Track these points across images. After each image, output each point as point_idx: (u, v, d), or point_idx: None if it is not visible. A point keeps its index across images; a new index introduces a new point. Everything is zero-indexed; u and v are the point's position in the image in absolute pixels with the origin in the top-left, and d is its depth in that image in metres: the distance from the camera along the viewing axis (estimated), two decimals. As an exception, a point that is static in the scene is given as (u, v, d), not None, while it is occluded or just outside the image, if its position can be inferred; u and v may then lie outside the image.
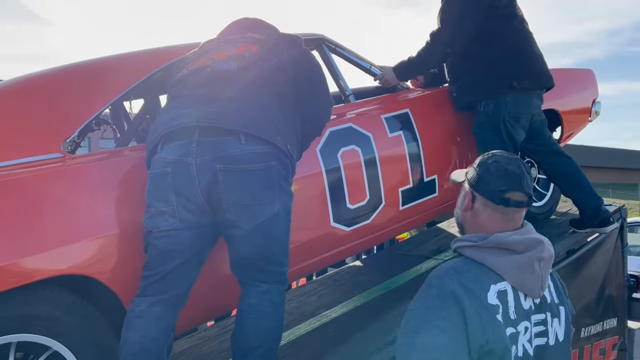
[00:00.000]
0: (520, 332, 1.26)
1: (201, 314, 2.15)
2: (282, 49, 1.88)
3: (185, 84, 1.82)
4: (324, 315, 2.59)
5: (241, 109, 1.69)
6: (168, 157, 1.66)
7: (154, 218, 1.68)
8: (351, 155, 2.41)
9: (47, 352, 1.65)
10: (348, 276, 3.23)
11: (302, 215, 2.28)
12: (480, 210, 1.36)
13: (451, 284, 1.25)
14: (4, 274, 1.55)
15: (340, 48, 2.73)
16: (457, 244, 1.37)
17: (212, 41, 2.00)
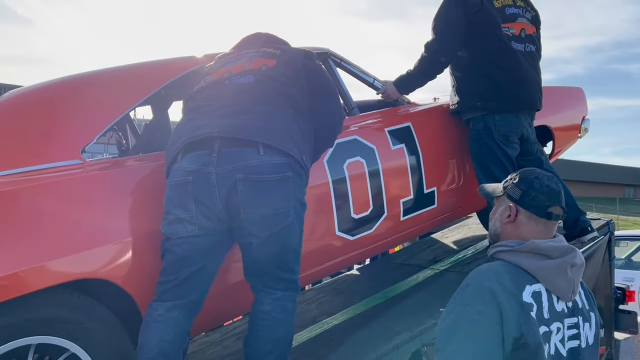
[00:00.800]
0: (552, 332, 1.38)
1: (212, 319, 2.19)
2: (297, 63, 1.95)
3: (204, 96, 1.88)
4: (325, 322, 2.65)
5: (259, 120, 1.76)
6: (189, 166, 1.71)
7: (173, 225, 1.73)
8: (356, 167, 2.49)
9: (64, 354, 1.68)
10: (346, 285, 3.30)
11: (310, 224, 2.35)
12: (523, 223, 1.49)
13: (488, 282, 1.37)
14: (25, 278, 1.59)
15: (345, 62, 2.81)
16: (495, 249, 1.49)
17: (227, 55, 2.07)
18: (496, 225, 1.55)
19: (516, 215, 1.50)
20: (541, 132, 3.41)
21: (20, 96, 2.02)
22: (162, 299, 1.72)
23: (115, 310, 1.78)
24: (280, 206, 1.72)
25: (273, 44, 2.07)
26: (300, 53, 2.02)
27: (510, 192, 1.52)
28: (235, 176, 1.67)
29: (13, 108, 1.95)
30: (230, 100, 1.82)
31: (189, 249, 1.71)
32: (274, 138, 1.73)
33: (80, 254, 1.68)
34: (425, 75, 2.84)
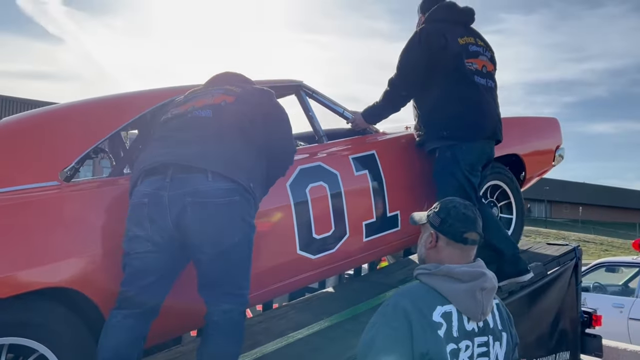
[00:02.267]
0: (461, 349, 1.52)
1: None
2: (254, 100, 2.16)
3: (167, 128, 2.12)
4: (290, 336, 2.82)
5: (210, 150, 1.97)
6: (146, 189, 1.94)
7: (132, 241, 1.94)
8: (319, 190, 2.70)
9: (34, 355, 1.90)
10: (319, 301, 3.47)
11: (271, 242, 2.56)
12: (442, 248, 1.64)
13: (403, 302, 1.54)
14: (1, 284, 1.82)
15: (316, 93, 3.04)
16: (417, 271, 1.66)
17: (196, 90, 2.30)
18: (422, 251, 1.71)
19: (437, 241, 1.65)
20: (512, 160, 3.58)
21: (9, 124, 2.28)
22: (120, 307, 1.93)
23: (81, 315, 1.99)
24: (226, 227, 1.92)
25: (238, 82, 2.29)
26: (258, 92, 2.23)
27: (431, 220, 1.68)
28: (185, 199, 1.89)
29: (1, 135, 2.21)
30: (188, 131, 2.04)
31: (144, 264, 1.92)
32: (222, 166, 1.93)
33: (50, 265, 1.91)
34: (388, 108, 3.04)
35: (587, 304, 4.47)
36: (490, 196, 3.40)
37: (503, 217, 3.49)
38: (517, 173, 3.66)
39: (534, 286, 3.20)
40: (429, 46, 2.88)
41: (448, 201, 1.72)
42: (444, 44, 2.87)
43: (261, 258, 2.52)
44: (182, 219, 1.89)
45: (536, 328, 3.21)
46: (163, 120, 2.18)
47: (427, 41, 2.89)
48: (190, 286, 2.21)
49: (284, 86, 3.06)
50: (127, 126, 2.46)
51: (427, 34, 2.91)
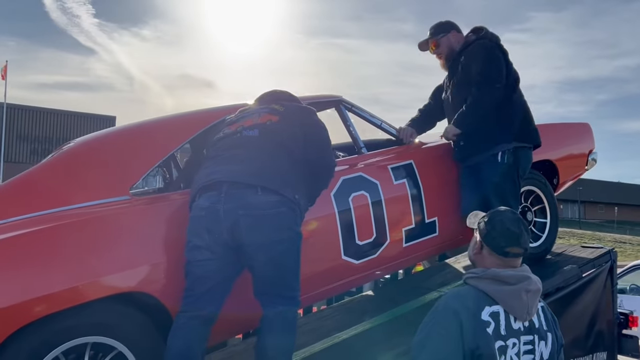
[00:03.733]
0: (508, 346, 1.66)
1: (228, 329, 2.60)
2: (296, 119, 2.36)
3: (219, 147, 2.32)
4: (336, 336, 3.00)
5: (258, 167, 2.17)
6: (203, 204, 2.15)
7: (192, 251, 2.15)
8: (360, 199, 2.87)
9: (113, 352, 2.11)
10: (361, 304, 3.65)
11: (318, 249, 2.74)
12: (485, 256, 1.79)
13: (453, 303, 1.68)
14: (83, 290, 2.05)
15: (356, 107, 3.22)
16: (466, 275, 1.79)
17: (245, 110, 2.50)
18: (470, 254, 1.88)
19: (481, 248, 1.81)
20: (545, 165, 3.68)
21: (83, 144, 2.53)
22: (185, 310, 2.14)
23: (152, 317, 2.21)
24: (275, 235, 2.12)
25: (282, 100, 2.48)
26: (300, 110, 2.43)
27: (480, 228, 1.83)
28: (238, 212, 2.09)
29: (76, 155, 2.46)
30: (238, 150, 2.26)
31: (204, 271, 2.13)
32: (269, 181, 2.14)
33: (126, 272, 2.13)
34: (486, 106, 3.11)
35: (623, 305, 4.50)
36: (525, 201, 3.51)
37: (537, 221, 3.59)
38: (550, 178, 3.75)
39: (570, 288, 3.30)
40: (504, 52, 3.12)
41: (497, 213, 1.84)
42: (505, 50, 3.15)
43: (309, 263, 2.71)
44: (236, 229, 2.09)
45: (572, 329, 3.30)
46: (216, 139, 2.37)
47: (501, 47, 3.13)
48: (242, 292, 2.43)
49: (325, 101, 3.25)
50: (185, 144, 2.68)
51: (499, 43, 3.14)
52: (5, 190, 2.39)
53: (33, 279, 1.99)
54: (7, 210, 2.23)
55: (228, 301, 2.38)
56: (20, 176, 2.47)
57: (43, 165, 2.51)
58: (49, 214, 2.21)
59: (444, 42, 3.27)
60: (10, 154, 22.28)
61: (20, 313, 1.94)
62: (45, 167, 2.48)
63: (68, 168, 2.42)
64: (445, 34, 3.27)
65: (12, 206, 2.25)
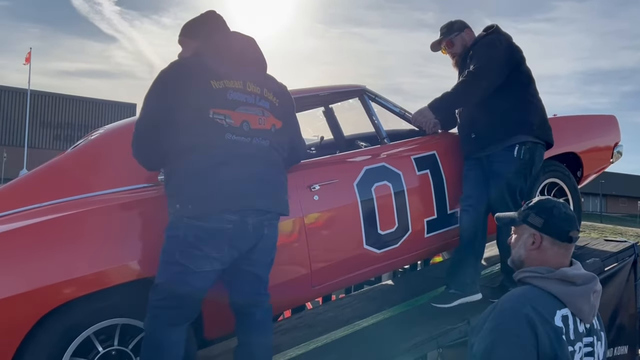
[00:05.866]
0: (575, 351, 1.54)
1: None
2: (293, 128, 2.31)
3: (233, 154, 2.01)
4: (357, 324, 3.04)
5: (273, 192, 2.13)
6: (230, 217, 1.98)
7: (199, 259, 1.98)
8: (383, 189, 2.89)
9: (141, 334, 2.18)
10: (381, 293, 3.67)
11: (340, 238, 2.78)
12: (547, 249, 1.63)
13: (524, 309, 1.50)
14: (113, 274, 2.11)
15: (379, 97, 3.22)
16: (524, 274, 1.63)
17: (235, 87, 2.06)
18: (520, 252, 1.69)
19: (541, 241, 1.64)
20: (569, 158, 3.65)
21: (112, 132, 2.58)
22: (176, 324, 2.01)
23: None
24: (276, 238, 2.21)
25: (270, 82, 2.22)
26: (290, 104, 2.31)
27: (532, 221, 1.66)
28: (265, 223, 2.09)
29: (106, 142, 2.51)
30: (259, 166, 2.07)
31: (205, 282, 2.02)
32: (279, 207, 2.16)
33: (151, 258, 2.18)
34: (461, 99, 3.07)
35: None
36: (548, 193, 3.48)
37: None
38: (574, 170, 3.72)
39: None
40: (513, 49, 3.03)
41: (546, 201, 1.72)
42: (517, 47, 3.05)
43: (331, 252, 2.76)
44: (260, 238, 2.09)
45: (594, 322, 3.27)
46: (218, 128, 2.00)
47: (511, 44, 3.04)
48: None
49: (348, 91, 3.26)
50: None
51: (509, 40, 3.05)
52: (38, 176, 2.46)
53: (63, 263, 2.06)
54: (39, 195, 2.30)
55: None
56: (52, 162, 2.54)
57: (73, 152, 2.58)
58: (79, 199, 2.27)
59: (459, 41, 3.17)
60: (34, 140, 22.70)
61: (53, 294, 2.02)
62: (76, 154, 2.55)
63: (98, 155, 2.49)
64: (459, 32, 3.17)
65: (44, 191, 2.32)
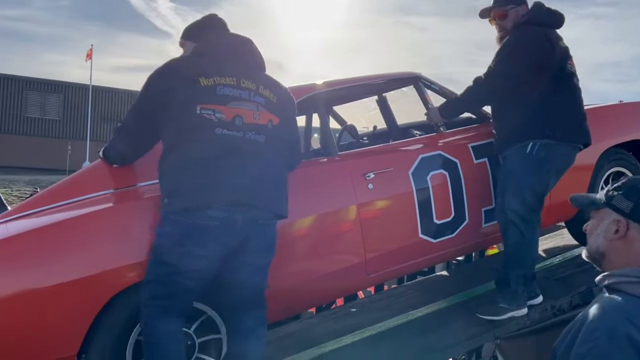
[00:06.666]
0: None
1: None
2: (292, 126, 2.24)
3: (223, 147, 1.96)
4: (410, 314, 3.02)
5: (268, 190, 2.04)
6: (216, 214, 1.92)
7: (186, 258, 1.94)
8: (439, 178, 2.85)
9: (203, 317, 2.24)
10: (435, 283, 3.63)
11: (395, 226, 2.77)
12: (635, 238, 1.31)
13: (623, 327, 1.17)
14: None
15: (435, 85, 3.17)
16: (613, 279, 1.30)
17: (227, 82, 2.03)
18: (599, 242, 1.37)
19: (627, 229, 1.32)
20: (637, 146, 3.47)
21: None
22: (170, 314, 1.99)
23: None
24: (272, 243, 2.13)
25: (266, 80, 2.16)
26: (291, 103, 2.25)
27: (617, 204, 1.34)
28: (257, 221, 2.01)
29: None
30: (251, 161, 1.99)
31: (194, 281, 1.98)
32: (276, 206, 2.07)
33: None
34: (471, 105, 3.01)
35: None
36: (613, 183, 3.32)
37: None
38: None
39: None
40: (536, 50, 2.67)
41: (636, 180, 1.41)
42: (550, 48, 2.68)
43: (386, 240, 2.75)
44: (249, 237, 2.01)
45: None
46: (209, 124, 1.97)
47: (533, 46, 2.68)
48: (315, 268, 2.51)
49: (403, 79, 3.23)
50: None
51: (533, 38, 2.70)
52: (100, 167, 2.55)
53: (130, 247, 2.14)
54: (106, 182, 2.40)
55: (301, 276, 2.46)
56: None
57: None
58: (141, 187, 2.36)
59: (512, 15, 2.82)
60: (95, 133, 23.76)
61: (120, 277, 2.10)
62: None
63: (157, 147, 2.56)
64: (515, 6, 2.82)
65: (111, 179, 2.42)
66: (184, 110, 1.97)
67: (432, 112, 3.02)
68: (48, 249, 2.07)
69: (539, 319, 2.83)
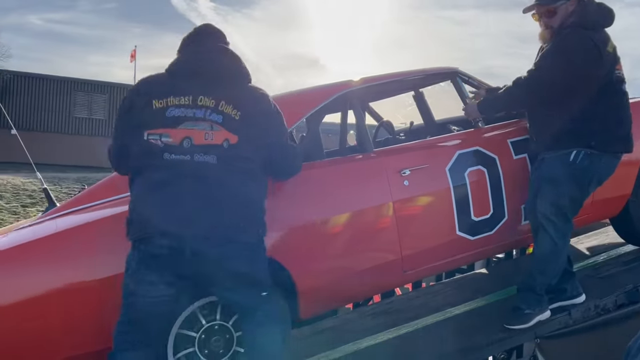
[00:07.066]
0: None
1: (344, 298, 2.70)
2: (259, 138, 1.99)
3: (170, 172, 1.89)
4: (448, 312, 2.99)
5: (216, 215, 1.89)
6: (163, 242, 1.86)
7: (143, 285, 1.91)
8: (477, 174, 2.80)
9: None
10: (473, 281, 3.58)
11: (432, 223, 2.75)
12: None
13: None
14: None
15: (473, 79, 3.12)
16: None
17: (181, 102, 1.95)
18: None
19: None
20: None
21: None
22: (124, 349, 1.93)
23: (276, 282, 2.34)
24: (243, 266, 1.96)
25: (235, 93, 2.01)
26: (263, 115, 2.03)
27: None
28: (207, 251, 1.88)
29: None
30: (197, 185, 1.89)
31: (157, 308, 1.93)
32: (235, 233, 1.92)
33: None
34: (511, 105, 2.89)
35: None
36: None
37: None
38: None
39: None
40: (583, 60, 2.52)
41: None
42: (599, 57, 2.52)
43: (423, 237, 2.74)
44: (204, 266, 1.91)
45: None
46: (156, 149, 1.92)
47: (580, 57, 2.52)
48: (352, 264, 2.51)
49: (440, 74, 3.19)
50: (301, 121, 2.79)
51: (580, 47, 2.52)
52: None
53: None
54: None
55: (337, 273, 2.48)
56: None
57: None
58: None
59: (561, 12, 2.63)
60: (139, 132, 24.43)
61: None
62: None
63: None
64: (564, 1, 2.62)
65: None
66: (135, 136, 1.96)
67: (470, 108, 2.94)
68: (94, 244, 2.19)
69: (581, 319, 2.75)
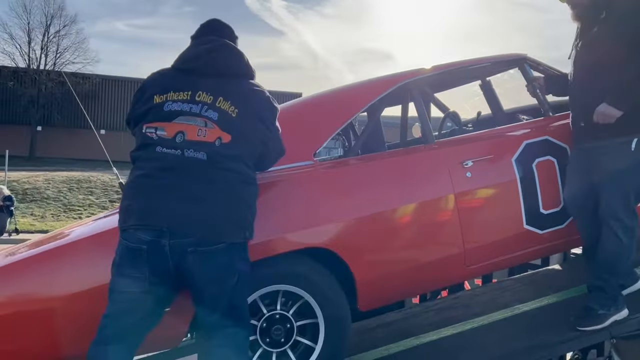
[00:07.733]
0: None
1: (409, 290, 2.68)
2: (255, 136, 1.98)
3: (157, 165, 1.90)
4: (516, 308, 2.88)
5: (210, 216, 1.86)
6: (144, 236, 1.84)
7: (124, 278, 1.88)
8: (546, 166, 2.68)
9: (300, 301, 2.33)
10: (545, 278, 3.42)
11: (497, 216, 2.66)
12: None
13: None
14: (276, 244, 2.30)
15: (542, 66, 2.97)
16: None
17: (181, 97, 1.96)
18: None
19: None
20: None
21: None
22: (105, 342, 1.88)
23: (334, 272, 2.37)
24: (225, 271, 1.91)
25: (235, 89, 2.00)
26: (259, 106, 2.01)
27: None
28: (188, 248, 1.85)
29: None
30: (184, 180, 1.87)
31: (131, 304, 1.89)
32: (219, 234, 1.87)
33: (312, 230, 2.34)
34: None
35: None
36: None
37: None
38: None
39: None
40: None
41: None
42: None
43: (487, 231, 2.65)
44: (184, 263, 1.88)
45: None
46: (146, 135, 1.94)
47: None
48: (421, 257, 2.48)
49: (507, 61, 3.07)
50: (362, 111, 2.79)
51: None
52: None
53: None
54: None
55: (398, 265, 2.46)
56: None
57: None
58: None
59: None
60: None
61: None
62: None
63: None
64: None
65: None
66: (137, 129, 2.00)
67: (604, 109, 2.44)
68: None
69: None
